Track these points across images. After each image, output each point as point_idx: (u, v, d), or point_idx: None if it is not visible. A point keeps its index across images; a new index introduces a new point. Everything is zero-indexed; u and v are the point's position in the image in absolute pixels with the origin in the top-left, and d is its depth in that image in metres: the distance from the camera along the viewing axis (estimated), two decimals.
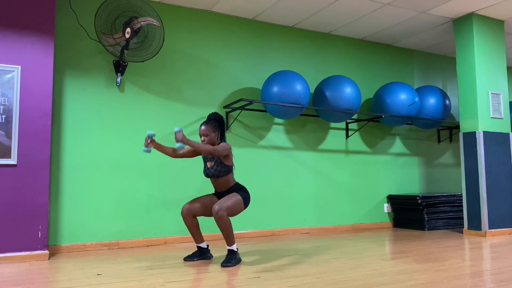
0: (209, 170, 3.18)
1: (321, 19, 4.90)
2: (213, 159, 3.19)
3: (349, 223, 5.24)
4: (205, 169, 3.22)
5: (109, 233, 3.96)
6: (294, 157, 4.97)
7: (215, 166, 3.16)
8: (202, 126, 3.18)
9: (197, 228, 3.25)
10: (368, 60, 5.63)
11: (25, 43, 3.49)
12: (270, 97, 4.45)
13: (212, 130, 3.19)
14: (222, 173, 3.16)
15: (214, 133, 3.20)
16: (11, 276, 2.80)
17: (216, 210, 2.97)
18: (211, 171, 3.17)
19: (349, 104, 4.71)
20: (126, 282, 2.58)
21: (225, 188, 3.23)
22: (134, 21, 3.89)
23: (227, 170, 3.18)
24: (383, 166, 5.56)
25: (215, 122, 3.23)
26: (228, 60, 4.71)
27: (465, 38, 4.84)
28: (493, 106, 4.78)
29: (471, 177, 4.69)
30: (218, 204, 2.99)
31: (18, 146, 3.39)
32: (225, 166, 3.16)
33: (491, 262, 3.14)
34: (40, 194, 3.43)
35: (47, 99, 3.53)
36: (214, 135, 3.20)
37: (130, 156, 4.12)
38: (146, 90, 4.27)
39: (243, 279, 2.64)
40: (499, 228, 4.63)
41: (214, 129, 3.20)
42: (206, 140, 3.17)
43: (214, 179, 3.23)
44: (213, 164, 3.17)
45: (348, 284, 2.50)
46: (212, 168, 3.17)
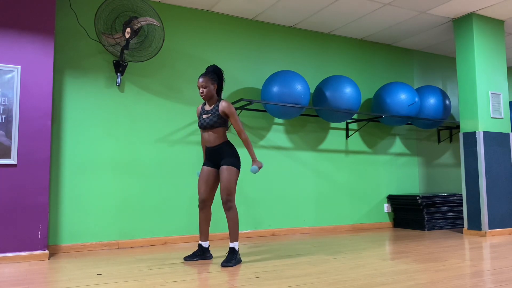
0: (204, 120, 3.21)
1: (321, 19, 4.90)
2: (210, 111, 3.21)
3: (349, 223, 5.24)
4: (200, 120, 3.26)
5: (109, 233, 3.96)
6: (294, 157, 4.97)
7: (211, 116, 3.19)
8: (201, 78, 3.21)
9: (208, 224, 3.31)
10: (368, 60, 5.63)
11: (25, 43, 3.49)
12: (270, 97, 4.45)
13: (211, 82, 3.21)
14: (217, 124, 3.18)
15: (213, 85, 3.22)
16: (11, 276, 2.80)
17: (225, 199, 3.10)
18: (206, 121, 3.20)
19: (349, 104, 4.71)
20: (126, 282, 2.58)
21: (216, 142, 3.22)
22: (134, 21, 3.89)
23: (223, 123, 3.20)
24: (383, 166, 5.56)
25: (213, 74, 3.24)
26: (228, 60, 4.71)
27: (465, 38, 4.84)
28: (493, 106, 4.78)
29: (471, 177, 4.69)
30: (223, 190, 3.10)
31: (18, 146, 3.39)
32: (221, 118, 3.18)
33: (491, 262, 3.14)
34: (40, 194, 3.43)
35: (47, 99, 3.53)
36: (212, 87, 3.22)
37: (130, 156, 4.12)
38: (146, 90, 4.27)
39: (243, 279, 2.64)
40: (499, 228, 4.63)
41: (212, 81, 3.22)
42: (205, 92, 3.19)
43: (207, 130, 3.22)
44: (209, 115, 3.20)
45: (348, 284, 2.50)
46: (207, 118, 3.20)
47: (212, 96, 3.23)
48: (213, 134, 3.21)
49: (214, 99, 3.25)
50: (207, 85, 3.19)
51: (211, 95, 3.23)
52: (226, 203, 3.11)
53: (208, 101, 3.26)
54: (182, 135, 4.39)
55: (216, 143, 3.22)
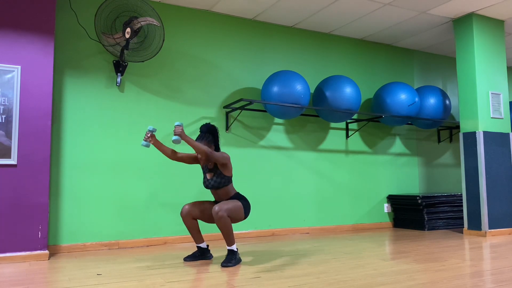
0: (209, 181, 3.16)
1: (321, 19, 4.90)
2: (213, 170, 3.17)
3: (349, 223, 5.24)
4: (205, 181, 3.20)
5: (109, 233, 3.96)
6: (294, 157, 4.97)
7: (214, 177, 3.15)
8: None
9: (197, 229, 3.25)
10: (368, 60, 5.63)
11: (25, 43, 3.49)
12: (270, 97, 4.45)
13: (207, 145, 3.16)
14: (222, 184, 3.14)
15: (210, 147, 3.18)
16: (11, 276, 2.80)
17: (216, 210, 2.98)
18: (211, 183, 3.15)
19: (349, 104, 4.71)
20: (126, 282, 2.58)
21: (226, 198, 3.22)
22: (134, 21, 3.89)
23: (227, 181, 3.16)
24: (383, 166, 5.56)
25: (209, 136, 3.18)
26: (228, 60, 4.71)
27: (465, 38, 4.84)
28: (493, 106, 4.78)
29: (471, 177, 4.69)
30: (218, 205, 3.00)
31: (18, 146, 3.39)
32: (224, 177, 3.15)
33: (491, 262, 3.14)
34: (40, 194, 3.43)
35: (47, 99, 3.53)
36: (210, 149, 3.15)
37: (130, 156, 4.12)
38: (146, 90, 4.27)
39: (243, 279, 2.64)
40: (499, 228, 4.63)
41: (209, 144, 3.16)
42: (203, 158, 3.11)
43: (214, 190, 3.21)
44: (212, 175, 3.16)
45: (348, 284, 2.50)
46: (211, 179, 3.15)
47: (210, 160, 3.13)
48: (221, 192, 3.20)
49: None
50: None
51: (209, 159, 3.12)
52: (216, 213, 2.97)
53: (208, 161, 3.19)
54: None
55: (226, 198, 3.22)
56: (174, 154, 3.22)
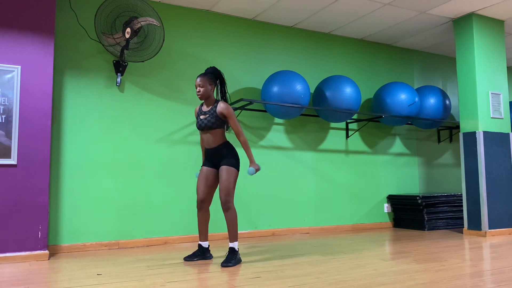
0: (202, 121, 3.19)
1: (321, 19, 4.90)
2: (208, 112, 3.20)
3: (349, 223, 5.24)
4: (198, 121, 3.24)
5: (109, 233, 3.96)
6: (294, 157, 4.97)
7: (209, 117, 3.17)
8: (198, 78, 3.20)
9: (207, 224, 3.30)
10: (368, 60, 5.63)
11: (25, 43, 3.49)
12: (270, 97, 4.45)
13: (208, 82, 3.20)
14: (215, 125, 3.16)
15: (210, 86, 3.21)
16: (11, 276, 2.80)
17: (224, 200, 3.08)
18: (204, 122, 3.18)
19: (349, 104, 4.71)
20: (126, 282, 2.58)
21: (215, 143, 3.21)
22: (134, 21, 3.89)
23: (221, 124, 3.18)
24: (383, 166, 5.56)
25: (211, 75, 3.24)
26: (228, 60, 4.71)
27: (465, 38, 4.84)
28: (493, 106, 4.78)
29: (471, 177, 4.69)
30: (222, 190, 3.09)
31: (18, 146, 3.39)
32: (219, 119, 3.17)
33: (491, 262, 3.14)
34: (40, 194, 3.43)
35: (47, 99, 3.53)
36: (210, 87, 3.20)
37: (130, 156, 4.12)
38: (146, 90, 4.27)
39: (243, 279, 2.64)
40: (499, 228, 4.63)
41: (210, 81, 3.21)
42: (202, 91, 3.17)
43: (206, 132, 3.21)
44: (207, 116, 3.19)
45: (348, 284, 2.50)
46: (205, 119, 3.18)
47: (209, 97, 3.22)
48: (211, 136, 3.20)
49: (212, 100, 3.24)
50: (204, 85, 3.18)
51: (208, 95, 3.21)
52: (225, 204, 3.10)
53: (205, 101, 3.25)
54: (182, 135, 4.39)
55: (215, 144, 3.21)
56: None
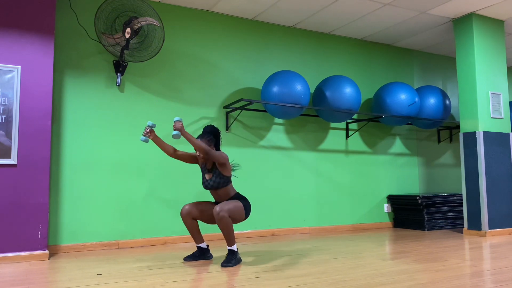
0: (208, 182, 3.16)
1: (321, 19, 4.90)
2: (212, 170, 3.17)
3: (349, 223, 5.24)
4: (204, 181, 3.21)
5: (109, 233, 3.96)
6: (294, 157, 4.97)
7: (213, 177, 3.15)
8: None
9: (197, 229, 3.26)
10: (368, 60, 5.63)
11: (25, 43, 3.49)
12: (270, 97, 4.45)
13: (208, 144, 3.17)
14: (221, 185, 3.14)
15: (210, 146, 3.19)
16: (11, 276, 2.80)
17: (218, 211, 2.98)
18: (210, 183, 3.15)
19: (349, 104, 4.71)
20: (126, 282, 2.58)
21: (226, 199, 3.22)
22: (134, 21, 3.89)
23: (226, 181, 3.16)
24: (383, 166, 5.56)
25: (210, 135, 3.21)
26: (228, 60, 4.71)
27: (465, 38, 4.84)
28: (493, 106, 4.78)
29: (471, 177, 4.69)
30: (219, 206, 3.00)
31: (18, 146, 3.39)
32: (223, 177, 3.15)
33: (491, 262, 3.14)
34: (40, 194, 3.43)
35: (47, 99, 3.53)
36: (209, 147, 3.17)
37: (130, 156, 4.12)
38: (146, 90, 4.27)
39: (243, 279, 2.64)
40: (499, 228, 4.63)
41: (209, 143, 3.18)
42: (202, 155, 3.13)
43: (213, 190, 3.21)
44: (211, 176, 3.16)
45: (348, 284, 2.50)
46: (211, 180, 3.15)
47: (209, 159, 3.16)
48: (222, 192, 3.20)
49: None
50: None
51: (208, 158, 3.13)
52: (219, 213, 2.97)
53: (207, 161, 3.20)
54: None
55: (226, 198, 3.21)
56: (174, 152, 3.22)
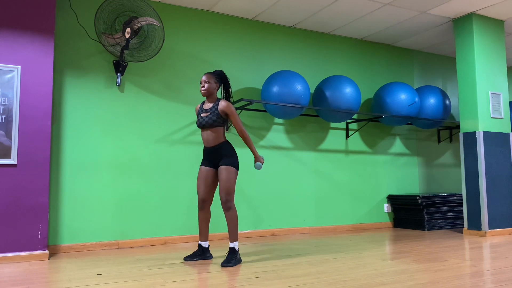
0: (203, 118, 3.21)
1: (321, 19, 4.90)
2: (209, 110, 3.22)
3: (349, 223, 5.24)
4: (199, 119, 3.25)
5: (109, 233, 3.96)
6: (294, 157, 4.97)
7: (210, 115, 3.19)
8: (204, 75, 3.25)
9: (207, 224, 3.31)
10: (368, 60, 5.63)
11: (25, 43, 3.49)
12: (270, 97, 4.45)
13: (214, 80, 3.25)
14: (216, 123, 3.18)
15: (215, 84, 3.26)
16: (11, 276, 2.80)
17: (224, 200, 3.10)
18: (205, 119, 3.19)
19: (349, 104, 4.71)
20: (126, 282, 2.58)
21: (215, 142, 3.21)
22: (134, 21, 3.89)
23: (221, 122, 3.20)
24: (383, 166, 5.56)
25: (218, 76, 3.30)
26: (228, 60, 4.71)
27: (465, 38, 4.84)
28: (493, 106, 4.78)
29: (471, 177, 4.69)
30: (222, 190, 3.10)
31: (18, 146, 3.39)
32: (220, 117, 3.18)
33: (491, 262, 3.14)
34: (40, 194, 3.43)
35: (47, 99, 3.53)
36: (214, 85, 3.25)
37: (130, 156, 4.12)
38: (146, 90, 4.27)
39: (243, 279, 2.64)
40: (499, 228, 4.63)
41: (215, 80, 3.26)
42: (206, 86, 3.21)
43: (206, 129, 3.22)
44: (208, 114, 3.20)
45: (348, 284, 2.50)
46: (206, 117, 3.20)
47: (212, 94, 3.25)
48: (211, 134, 3.21)
49: (214, 98, 3.27)
50: (209, 81, 3.23)
51: (212, 93, 3.25)
52: (226, 203, 3.12)
53: (207, 99, 3.28)
54: (182, 135, 4.39)
55: (215, 143, 3.21)
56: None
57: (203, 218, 3.29)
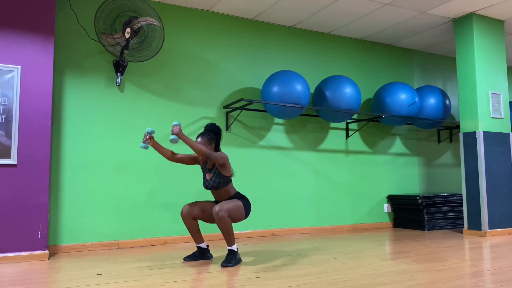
0: (208, 182, 3.17)
1: (321, 19, 4.90)
2: (212, 170, 3.18)
3: (349, 223, 5.24)
4: (205, 181, 3.21)
5: (109, 233, 3.96)
6: (294, 157, 4.97)
7: (214, 177, 3.15)
8: (198, 138, 3.19)
9: (197, 229, 3.26)
10: (368, 60, 5.63)
11: (25, 43, 3.49)
12: (270, 97, 4.45)
13: (208, 142, 3.18)
14: (222, 184, 3.15)
15: (210, 145, 3.20)
16: (11, 276, 2.80)
17: (217, 210, 2.98)
18: (210, 183, 3.16)
19: (349, 104, 4.71)
20: (126, 282, 2.58)
21: (226, 198, 3.22)
22: (134, 21, 3.89)
23: (226, 181, 3.17)
24: (383, 166, 5.56)
25: (211, 134, 3.22)
26: (228, 60, 4.71)
27: (465, 38, 4.84)
28: (493, 106, 4.78)
29: (471, 177, 4.69)
30: (219, 205, 3.00)
31: (18, 146, 3.39)
32: (223, 177, 3.15)
33: (491, 262, 3.14)
34: (40, 194, 3.43)
35: (47, 99, 3.53)
36: (210, 147, 3.19)
37: (130, 156, 4.12)
38: (146, 90, 4.27)
39: (243, 279, 2.64)
40: (499, 228, 4.63)
41: (210, 141, 3.19)
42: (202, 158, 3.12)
43: (214, 190, 3.22)
44: (212, 175, 3.16)
45: (348, 284, 2.50)
46: (211, 180, 3.16)
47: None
48: (221, 192, 3.21)
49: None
50: (205, 144, 3.17)
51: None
52: (218, 213, 2.98)
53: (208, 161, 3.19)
54: None
55: (226, 198, 3.22)
56: (173, 156, 3.22)
57: (190, 225, 3.22)
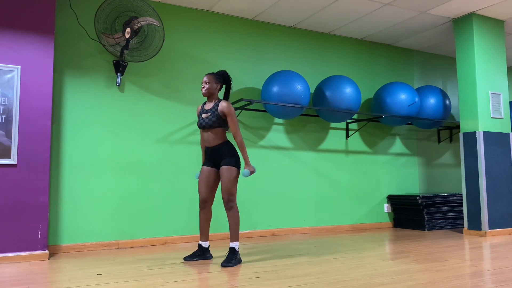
0: (204, 119, 3.22)
1: (321, 19, 4.90)
2: (209, 111, 3.23)
3: (349, 223, 5.24)
4: (200, 120, 3.26)
5: (109, 233, 3.96)
6: (294, 157, 4.97)
7: (210, 116, 3.20)
8: (206, 75, 3.27)
9: (208, 223, 3.32)
10: (368, 60, 5.63)
11: (25, 43, 3.49)
12: (270, 97, 4.45)
13: (215, 81, 3.27)
14: (216, 124, 3.19)
15: (216, 85, 3.28)
16: (11, 276, 2.80)
17: (227, 199, 3.12)
18: (205, 120, 3.21)
19: (349, 104, 4.71)
20: (126, 282, 2.58)
21: (216, 142, 3.23)
22: (134, 21, 3.89)
23: (222, 124, 3.21)
24: (383, 166, 5.55)
25: (220, 76, 3.32)
26: (228, 60, 4.71)
27: (465, 38, 4.84)
28: (493, 106, 4.78)
29: (471, 177, 4.69)
30: (224, 190, 3.11)
31: (18, 146, 3.39)
32: (220, 118, 3.19)
33: (491, 262, 3.14)
34: (40, 194, 3.43)
35: (47, 99, 3.53)
36: (215, 86, 3.27)
37: (130, 156, 4.12)
38: (146, 90, 4.27)
39: (243, 279, 2.64)
40: (499, 228, 4.63)
41: (216, 80, 3.28)
42: (206, 87, 3.24)
43: (206, 130, 3.23)
44: (208, 115, 3.21)
45: (348, 284, 2.50)
46: (207, 118, 3.21)
47: (212, 94, 3.27)
48: (212, 134, 3.22)
49: (214, 98, 3.28)
50: (210, 82, 3.25)
51: (212, 93, 3.26)
52: (228, 203, 3.13)
53: (208, 99, 3.30)
54: (182, 135, 4.39)
55: (216, 143, 3.22)
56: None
57: (204, 218, 3.30)
